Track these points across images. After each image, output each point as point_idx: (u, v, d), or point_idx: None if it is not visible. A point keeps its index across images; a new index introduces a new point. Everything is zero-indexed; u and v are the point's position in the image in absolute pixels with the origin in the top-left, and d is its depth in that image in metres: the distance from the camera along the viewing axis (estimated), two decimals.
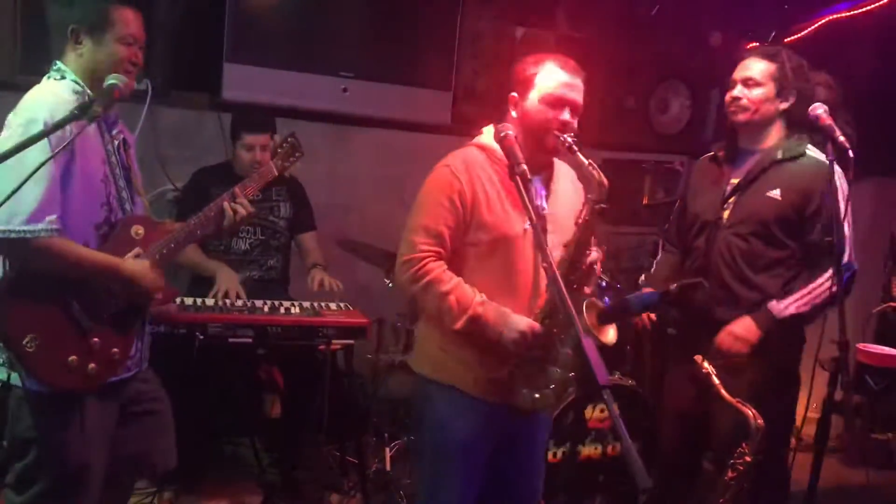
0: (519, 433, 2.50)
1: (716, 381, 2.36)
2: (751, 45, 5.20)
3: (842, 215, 2.43)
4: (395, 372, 3.95)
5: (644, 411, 3.42)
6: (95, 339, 2.25)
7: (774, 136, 2.83)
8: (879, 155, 4.02)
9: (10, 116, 2.17)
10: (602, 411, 3.48)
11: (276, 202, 3.81)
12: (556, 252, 2.33)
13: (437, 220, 2.34)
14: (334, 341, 3.30)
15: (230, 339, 3.14)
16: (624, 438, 1.62)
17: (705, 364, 2.39)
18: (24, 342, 2.14)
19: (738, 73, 2.85)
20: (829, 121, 2.45)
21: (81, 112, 1.94)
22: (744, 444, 2.33)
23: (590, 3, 4.88)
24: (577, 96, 2.35)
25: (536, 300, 2.35)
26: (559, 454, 3.42)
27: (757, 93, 2.77)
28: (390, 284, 3.89)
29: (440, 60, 4.61)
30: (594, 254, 2.36)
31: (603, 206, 2.26)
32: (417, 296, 2.37)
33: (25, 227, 2.07)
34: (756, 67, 2.80)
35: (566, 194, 2.49)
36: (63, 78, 2.27)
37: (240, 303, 3.32)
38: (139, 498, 3.24)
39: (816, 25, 4.83)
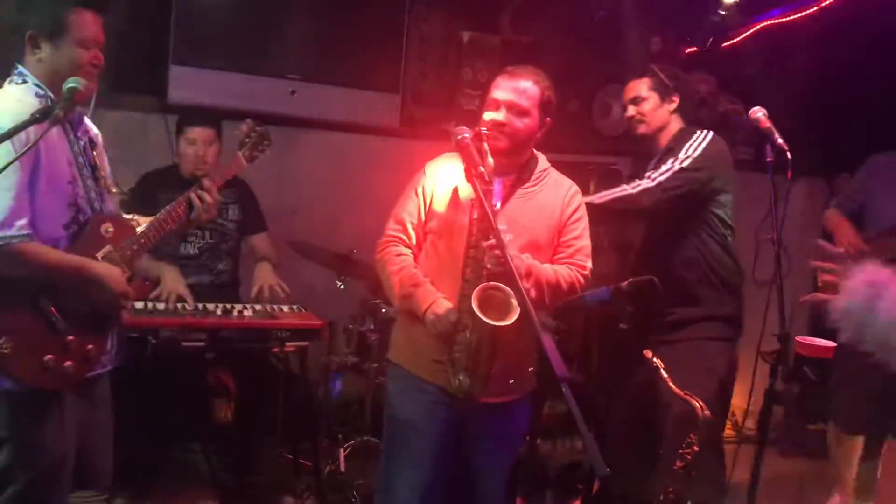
0: (485, 427, 2.55)
1: (664, 374, 2.45)
2: (689, 49, 5.39)
3: None
4: (347, 373, 3.96)
5: (592, 407, 3.50)
6: (70, 338, 2.27)
7: (672, 132, 3.22)
8: (813, 155, 4.20)
9: None
10: (551, 408, 3.56)
11: (224, 205, 3.78)
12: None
13: (403, 209, 2.62)
14: (288, 343, 3.30)
15: (183, 343, 3.12)
16: (582, 428, 1.68)
17: (654, 359, 2.47)
18: None
19: (625, 97, 3.34)
20: (768, 123, 2.58)
21: (43, 116, 1.94)
22: (691, 435, 2.42)
23: (534, 9, 4.97)
24: (509, 97, 2.53)
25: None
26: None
27: (646, 106, 3.23)
28: (341, 286, 3.91)
29: (388, 63, 4.65)
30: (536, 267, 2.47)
31: (490, 187, 2.31)
32: (379, 274, 2.62)
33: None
34: (637, 87, 3.28)
35: (541, 203, 2.58)
36: (25, 82, 2.29)
37: (191, 307, 3.29)
38: None
39: (752, 31, 5.00)
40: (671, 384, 2.40)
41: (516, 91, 2.52)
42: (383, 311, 3.79)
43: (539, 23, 4.99)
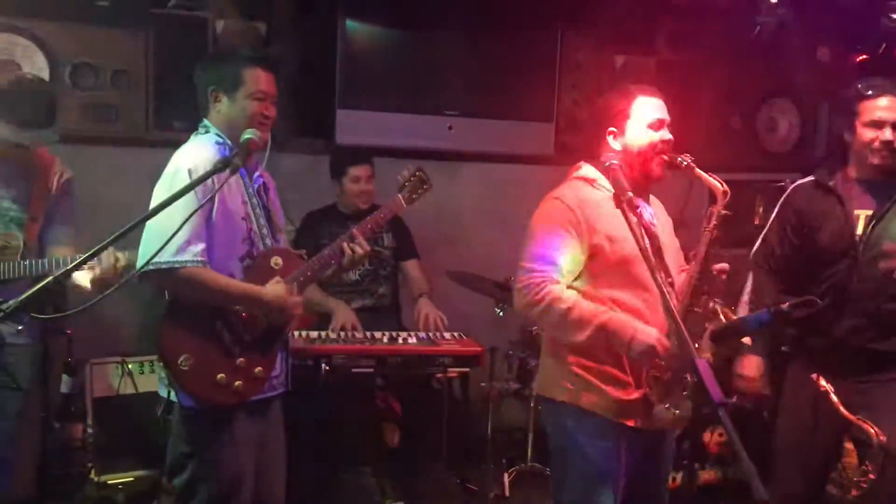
0: (648, 457, 2.49)
1: (834, 399, 2.32)
2: (860, 57, 5.09)
3: None
4: (509, 399, 4.02)
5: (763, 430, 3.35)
6: (241, 360, 2.50)
7: None
8: None
9: (166, 169, 2.51)
10: (720, 435, 3.45)
11: (378, 233, 3.99)
12: (674, 271, 2.45)
13: (550, 247, 2.40)
14: (450, 369, 3.41)
15: (353, 370, 3.30)
16: (740, 452, 1.64)
17: (822, 382, 2.36)
18: (178, 362, 2.42)
19: (886, 115, 2.70)
20: None
21: (224, 165, 2.17)
22: (867, 463, 2.28)
23: (690, 27, 4.88)
24: (666, 115, 2.49)
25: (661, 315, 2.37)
26: (678, 479, 3.40)
27: None
28: (500, 313, 3.99)
29: (541, 93, 4.73)
30: (724, 264, 2.41)
31: (727, 212, 2.33)
32: (539, 319, 2.44)
33: (173, 259, 2.34)
34: None
35: (662, 219, 2.60)
36: (207, 132, 2.58)
37: (360, 334, 3.48)
38: None
39: None
40: (842, 409, 2.28)
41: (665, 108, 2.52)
42: (535, 331, 3.83)
43: (695, 41, 4.90)
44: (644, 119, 2.45)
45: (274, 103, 2.59)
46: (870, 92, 2.73)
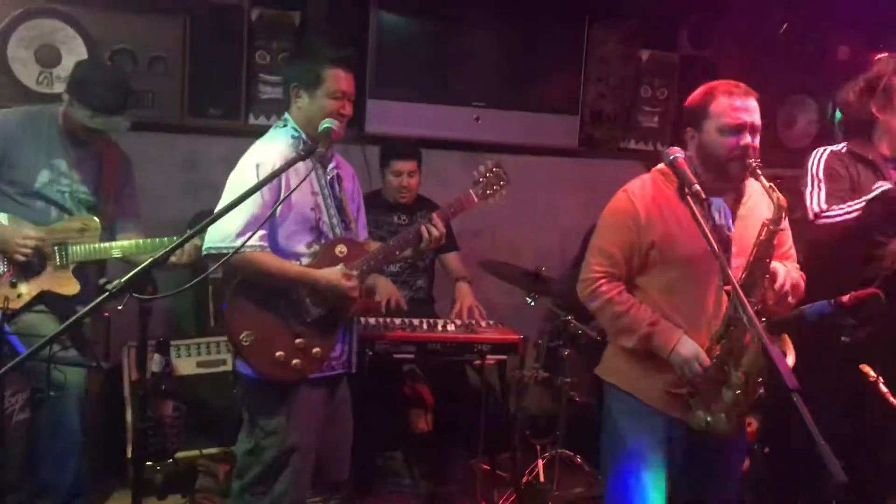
0: (708, 451, 2.52)
1: (884, 388, 2.39)
2: (880, 56, 5.16)
3: None
4: (538, 387, 4.08)
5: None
6: (300, 339, 2.62)
7: None
8: None
9: (241, 159, 2.64)
10: (749, 424, 3.52)
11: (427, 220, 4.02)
12: (737, 275, 2.35)
13: (611, 242, 2.49)
14: (489, 357, 3.46)
15: (395, 356, 3.35)
16: (817, 436, 1.70)
17: (871, 372, 2.42)
18: (241, 337, 2.57)
19: None
20: None
21: (308, 153, 2.27)
22: None
23: (712, 23, 4.94)
24: (753, 117, 2.40)
25: (715, 321, 2.41)
26: None
27: None
28: (532, 303, 4.04)
29: (567, 85, 4.80)
30: (780, 272, 2.40)
31: (780, 228, 2.34)
32: (595, 313, 2.55)
33: (233, 244, 2.45)
34: None
35: (758, 215, 2.46)
36: (286, 126, 2.69)
37: (399, 321, 3.53)
38: None
39: None
40: (892, 398, 2.34)
41: (756, 110, 2.44)
42: (571, 326, 3.89)
43: (718, 37, 4.97)
44: (721, 121, 2.38)
45: (351, 101, 2.69)
46: None
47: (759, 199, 2.52)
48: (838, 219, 2.81)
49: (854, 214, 2.76)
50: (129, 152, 3.42)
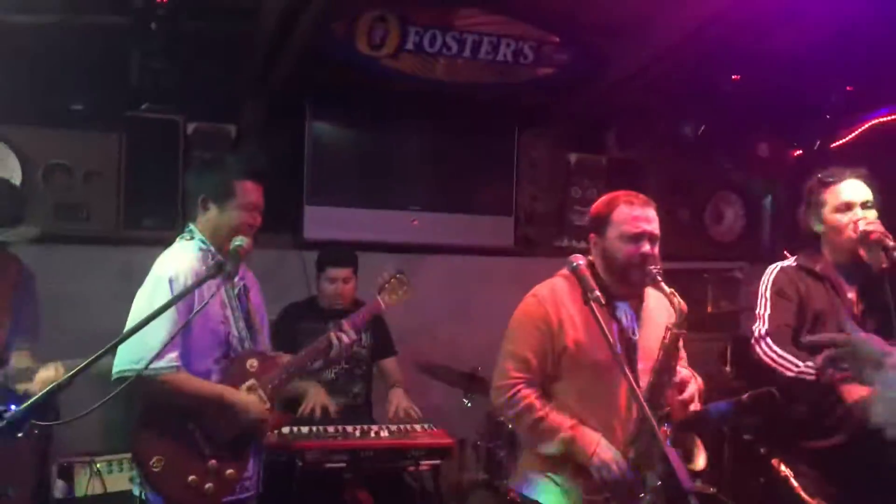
0: None
1: (794, 483, 2.44)
2: (797, 153, 5.44)
3: None
4: (479, 490, 4.05)
5: None
6: (213, 461, 2.54)
7: None
8: None
9: (149, 274, 2.58)
10: None
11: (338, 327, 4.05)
12: (645, 378, 2.42)
13: (525, 347, 2.50)
14: (423, 462, 3.44)
15: (326, 465, 3.31)
16: None
17: (782, 467, 2.47)
18: (150, 463, 2.48)
19: (856, 197, 2.80)
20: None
21: (217, 271, 2.27)
22: None
23: (638, 127, 5.18)
24: (652, 226, 2.48)
25: (628, 424, 2.44)
26: None
27: (873, 213, 2.80)
28: (468, 404, 4.06)
29: (500, 188, 4.97)
30: (686, 377, 2.45)
31: (682, 332, 2.39)
32: (513, 421, 2.57)
33: (149, 366, 2.35)
34: (867, 190, 2.82)
35: (659, 320, 2.52)
36: (192, 238, 2.67)
37: (332, 429, 3.51)
38: None
39: (860, 130, 5.02)
40: (802, 493, 2.39)
41: (655, 220, 2.50)
42: (509, 426, 3.89)
43: (643, 139, 5.21)
44: (622, 229, 2.46)
45: (261, 213, 2.69)
46: (831, 178, 2.84)
47: (657, 304, 2.57)
48: (775, 365, 2.74)
49: (789, 373, 2.69)
50: (63, 265, 3.42)
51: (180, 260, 2.59)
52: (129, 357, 2.42)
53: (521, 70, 4.51)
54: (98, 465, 3.63)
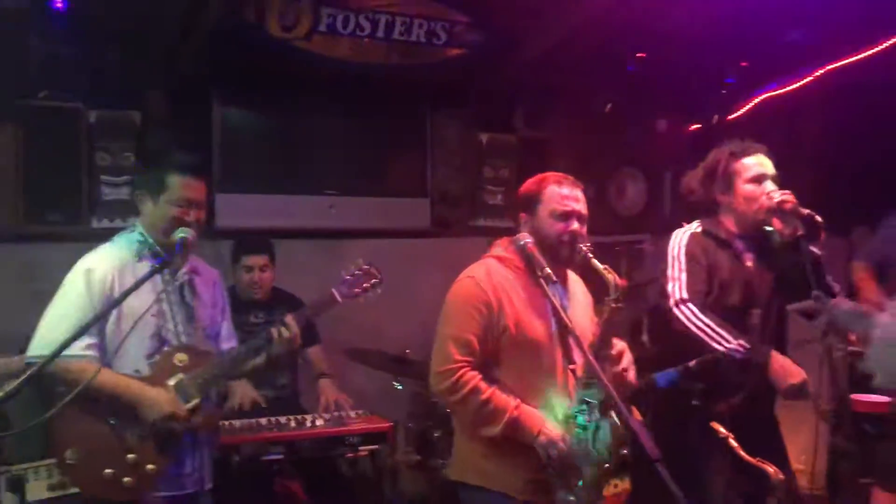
0: None
1: (734, 443, 2.55)
2: (693, 126, 5.69)
3: None
4: (412, 471, 4.07)
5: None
6: (132, 455, 2.47)
7: None
8: (829, 214, 4.39)
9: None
10: (616, 486, 3.66)
11: (281, 322, 3.97)
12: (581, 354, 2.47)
13: (466, 329, 2.47)
14: (360, 448, 3.43)
15: (263, 458, 3.25)
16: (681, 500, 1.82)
17: (721, 429, 2.59)
18: (66, 454, 2.42)
19: (766, 170, 2.92)
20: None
21: (164, 265, 2.20)
22: (769, 498, 2.53)
23: (544, 106, 5.28)
24: (580, 206, 2.56)
25: (566, 401, 2.49)
26: None
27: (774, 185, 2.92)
28: (399, 387, 4.07)
29: (415, 170, 4.97)
30: (622, 347, 2.54)
31: (620, 305, 2.46)
32: (456, 405, 2.51)
33: (63, 353, 2.22)
34: (771, 164, 2.95)
35: (579, 298, 2.66)
36: (133, 231, 2.63)
37: (265, 421, 3.44)
38: None
39: (752, 104, 5.30)
40: (742, 452, 2.50)
41: (583, 201, 2.58)
42: (440, 406, 3.92)
43: (550, 119, 5.31)
44: (552, 206, 2.53)
45: (201, 208, 2.62)
46: (742, 151, 2.95)
47: (574, 283, 2.68)
48: (703, 336, 2.79)
49: (719, 347, 2.76)
50: None
51: (103, 252, 2.57)
52: (39, 344, 2.42)
53: (433, 51, 4.52)
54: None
